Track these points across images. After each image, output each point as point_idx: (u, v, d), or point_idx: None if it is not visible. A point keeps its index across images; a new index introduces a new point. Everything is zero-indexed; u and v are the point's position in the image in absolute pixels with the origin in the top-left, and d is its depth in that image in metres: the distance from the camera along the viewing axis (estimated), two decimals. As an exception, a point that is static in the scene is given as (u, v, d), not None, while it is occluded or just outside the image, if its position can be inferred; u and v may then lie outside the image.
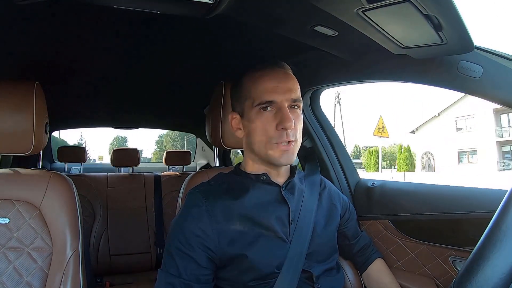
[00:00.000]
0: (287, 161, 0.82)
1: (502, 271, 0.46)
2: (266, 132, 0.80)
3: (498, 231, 0.49)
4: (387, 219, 1.14)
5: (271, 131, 0.80)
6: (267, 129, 0.80)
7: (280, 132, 0.79)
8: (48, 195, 0.98)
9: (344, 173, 1.30)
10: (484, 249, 0.49)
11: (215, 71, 1.46)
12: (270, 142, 0.80)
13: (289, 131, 0.79)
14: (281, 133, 0.79)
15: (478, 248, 0.50)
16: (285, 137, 0.79)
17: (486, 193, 0.97)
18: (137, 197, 2.36)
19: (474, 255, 0.50)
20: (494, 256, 0.47)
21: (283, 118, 0.79)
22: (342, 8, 0.70)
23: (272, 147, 0.80)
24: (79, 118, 2.51)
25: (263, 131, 0.81)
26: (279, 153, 0.80)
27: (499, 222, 0.50)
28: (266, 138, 0.80)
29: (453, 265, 0.99)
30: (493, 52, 0.80)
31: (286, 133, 0.79)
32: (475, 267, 0.48)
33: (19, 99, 0.97)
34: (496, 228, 0.49)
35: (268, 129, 0.80)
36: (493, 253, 0.47)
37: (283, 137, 0.79)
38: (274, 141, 0.80)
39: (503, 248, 0.47)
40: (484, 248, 0.49)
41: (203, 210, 0.80)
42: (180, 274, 0.75)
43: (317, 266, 0.85)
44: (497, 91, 0.79)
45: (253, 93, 0.82)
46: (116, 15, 0.92)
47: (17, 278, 0.93)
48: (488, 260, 0.47)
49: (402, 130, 29.15)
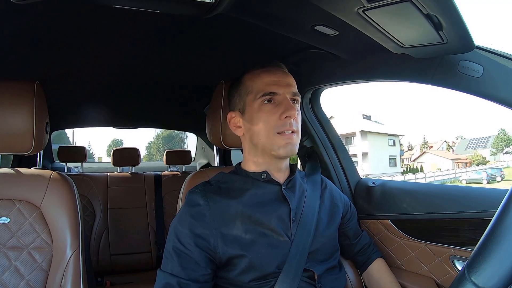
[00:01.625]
0: (290, 152, 0.83)
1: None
2: (270, 123, 0.82)
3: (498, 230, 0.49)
4: (388, 219, 1.14)
5: (274, 121, 0.82)
6: (271, 119, 0.82)
7: (284, 121, 0.81)
8: (49, 194, 0.98)
9: (344, 172, 1.30)
10: (484, 248, 0.49)
11: (215, 70, 1.46)
12: (273, 132, 0.82)
13: (292, 120, 0.82)
14: (284, 122, 0.81)
15: (478, 248, 0.50)
16: (288, 126, 0.82)
17: (486, 193, 0.97)
18: (137, 196, 2.36)
19: (477, 250, 0.49)
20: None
21: (287, 107, 0.82)
22: (343, 8, 0.70)
23: (275, 138, 0.82)
24: (79, 118, 2.50)
25: (266, 121, 0.83)
26: (283, 142, 0.82)
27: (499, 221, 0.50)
28: (269, 129, 0.82)
29: (453, 265, 0.98)
30: (494, 51, 0.80)
31: (289, 122, 0.81)
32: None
33: (19, 99, 0.97)
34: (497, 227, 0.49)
35: (271, 119, 0.82)
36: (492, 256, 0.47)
37: (286, 126, 0.82)
38: (278, 130, 0.82)
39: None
40: (484, 246, 0.49)
41: (203, 209, 0.81)
42: (179, 274, 0.75)
43: (319, 265, 0.85)
44: (497, 91, 0.79)
45: (255, 87, 0.85)
46: (115, 14, 0.92)
47: (17, 278, 0.93)
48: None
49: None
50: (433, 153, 38.24)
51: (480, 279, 0.45)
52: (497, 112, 59.79)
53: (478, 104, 67.08)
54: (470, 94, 0.83)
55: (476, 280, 0.46)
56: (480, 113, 65.55)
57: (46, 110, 1.04)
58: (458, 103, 72.82)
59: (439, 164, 34.66)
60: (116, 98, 2.00)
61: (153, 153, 19.45)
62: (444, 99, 78.54)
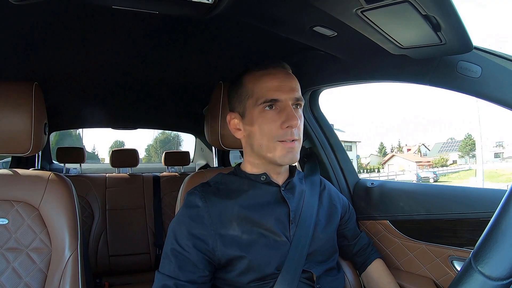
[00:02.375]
0: (291, 160, 0.82)
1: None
2: (270, 131, 0.80)
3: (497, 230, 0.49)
4: (386, 219, 1.14)
5: (275, 130, 0.80)
6: (271, 128, 0.80)
7: (285, 131, 0.79)
8: (47, 195, 0.98)
9: (343, 173, 1.30)
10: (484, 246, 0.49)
11: (214, 71, 1.46)
12: (274, 140, 0.80)
13: (294, 129, 0.80)
14: (286, 131, 0.79)
15: (484, 237, 0.49)
16: (289, 136, 0.80)
17: (485, 193, 0.98)
18: (136, 197, 2.36)
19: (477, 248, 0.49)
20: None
21: (289, 116, 0.79)
22: (341, 9, 0.70)
23: (276, 146, 0.80)
24: (78, 119, 2.50)
25: (267, 130, 0.80)
26: (283, 151, 0.80)
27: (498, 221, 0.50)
28: (270, 137, 0.80)
29: (452, 265, 0.99)
30: (492, 52, 0.80)
31: (291, 131, 0.80)
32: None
33: (18, 100, 0.96)
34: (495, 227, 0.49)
35: (272, 128, 0.80)
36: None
37: (287, 136, 0.80)
38: (278, 139, 0.80)
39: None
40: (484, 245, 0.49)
41: (202, 211, 0.80)
42: (177, 276, 0.75)
43: (318, 266, 0.85)
44: (495, 92, 0.79)
45: (256, 92, 0.82)
46: (114, 15, 0.92)
47: (16, 279, 0.93)
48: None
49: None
50: (400, 156, 41.19)
51: (486, 268, 0.45)
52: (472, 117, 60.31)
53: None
54: (469, 95, 0.83)
55: (483, 269, 0.45)
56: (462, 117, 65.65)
57: (44, 111, 1.03)
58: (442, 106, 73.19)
59: (405, 166, 37.18)
60: (114, 99, 2.00)
61: (151, 155, 20.20)
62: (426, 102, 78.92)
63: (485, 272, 0.45)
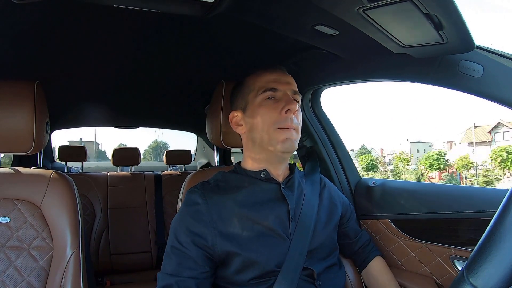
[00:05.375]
0: (290, 148, 0.85)
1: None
2: (271, 118, 0.84)
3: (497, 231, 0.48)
4: (388, 219, 1.14)
5: (275, 116, 0.84)
6: (272, 114, 0.84)
7: (284, 116, 0.83)
8: (49, 194, 0.98)
9: (344, 172, 1.30)
10: (484, 248, 0.49)
11: (216, 70, 1.46)
12: (274, 128, 0.84)
13: (293, 116, 0.84)
14: (285, 117, 0.83)
15: (477, 249, 0.49)
16: (289, 122, 0.84)
17: (486, 193, 0.97)
18: (137, 196, 2.36)
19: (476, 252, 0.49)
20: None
21: (288, 101, 0.84)
22: (343, 7, 0.70)
23: (275, 133, 0.84)
24: (79, 117, 2.50)
25: (267, 116, 0.85)
26: (282, 137, 0.83)
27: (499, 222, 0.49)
28: (270, 124, 0.84)
29: (453, 265, 0.98)
30: (494, 51, 0.80)
31: (290, 117, 0.83)
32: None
33: (19, 99, 0.97)
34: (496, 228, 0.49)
35: (272, 114, 0.84)
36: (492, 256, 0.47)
37: (287, 121, 0.83)
38: (278, 126, 0.83)
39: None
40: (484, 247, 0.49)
41: (201, 208, 0.81)
42: (177, 273, 0.76)
43: (318, 263, 0.86)
44: (497, 91, 0.79)
45: (257, 85, 0.88)
46: (116, 14, 0.92)
47: (17, 277, 0.93)
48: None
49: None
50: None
51: (478, 281, 0.45)
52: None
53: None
54: (471, 94, 0.83)
55: (475, 282, 0.45)
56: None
57: (46, 109, 1.04)
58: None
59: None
60: (116, 98, 2.00)
61: (146, 158, 23.87)
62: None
63: (477, 285, 0.45)
